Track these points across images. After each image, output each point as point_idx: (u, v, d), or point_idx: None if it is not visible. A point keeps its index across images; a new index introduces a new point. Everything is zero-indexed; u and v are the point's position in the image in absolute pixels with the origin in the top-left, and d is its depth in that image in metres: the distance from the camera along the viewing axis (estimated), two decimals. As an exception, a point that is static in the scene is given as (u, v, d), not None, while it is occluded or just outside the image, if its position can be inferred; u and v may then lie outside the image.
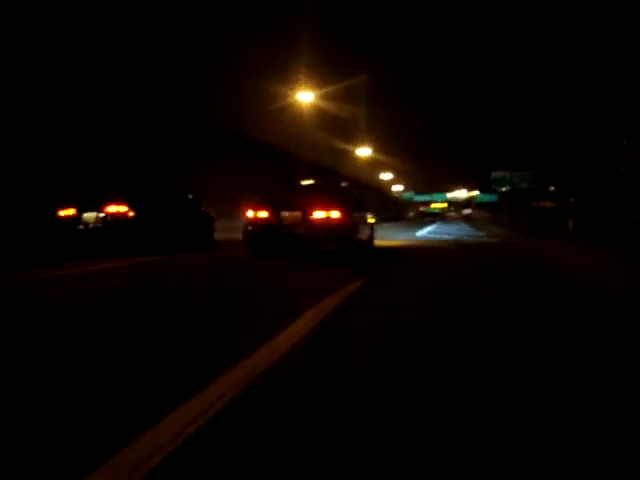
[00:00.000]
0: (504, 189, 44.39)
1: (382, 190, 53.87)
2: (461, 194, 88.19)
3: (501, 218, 42.64)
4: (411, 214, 77.01)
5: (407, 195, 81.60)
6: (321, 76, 28.23)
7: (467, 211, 71.95)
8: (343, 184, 11.82)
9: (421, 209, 78.42)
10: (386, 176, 66.70)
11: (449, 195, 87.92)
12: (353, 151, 45.46)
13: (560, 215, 26.18)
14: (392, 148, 50.41)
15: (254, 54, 19.63)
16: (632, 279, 7.00)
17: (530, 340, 3.40)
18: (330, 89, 30.21)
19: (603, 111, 22.95)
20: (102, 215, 9.58)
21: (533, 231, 22.05)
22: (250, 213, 9.68)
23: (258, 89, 21.28)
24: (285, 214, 9.48)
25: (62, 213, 9.82)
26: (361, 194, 13.72)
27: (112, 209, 9.60)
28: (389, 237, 17.31)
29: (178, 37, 17.23)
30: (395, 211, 60.34)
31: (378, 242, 12.96)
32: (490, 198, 61.95)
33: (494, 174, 43.67)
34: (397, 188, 76.98)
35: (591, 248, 12.81)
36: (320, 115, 31.04)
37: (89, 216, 9.65)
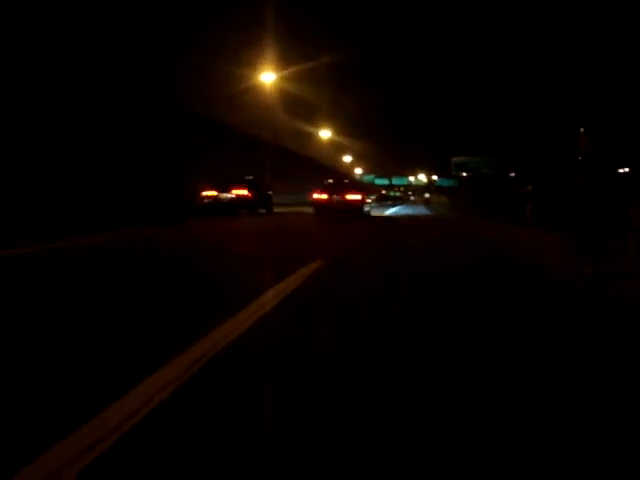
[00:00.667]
0: (464, 174, 44.95)
1: (344, 173, 53.88)
2: (422, 178, 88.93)
3: (459, 202, 43.19)
4: (372, 197, 77.35)
5: (367, 178, 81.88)
6: (284, 58, 27.94)
7: (427, 195, 72.72)
8: (345, 180, 25.07)
9: (382, 192, 78.75)
10: (346, 159, 66.78)
11: (411, 179, 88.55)
12: (315, 133, 45.29)
13: (519, 201, 26.62)
14: (352, 131, 50.45)
15: (217, 35, 19.29)
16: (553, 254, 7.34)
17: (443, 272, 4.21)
18: (293, 70, 29.95)
19: (562, 99, 23.34)
20: (230, 195, 19.28)
21: (487, 215, 22.42)
22: (316, 195, 20.35)
23: (221, 71, 20.95)
24: (333, 196, 19.63)
25: (205, 194, 19.36)
26: (363, 185, 25.55)
27: (239, 192, 19.41)
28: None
29: (140, 17, 16.78)
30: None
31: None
32: (449, 183, 62.62)
33: (454, 159, 44.16)
34: (357, 171, 77.10)
35: (538, 231, 13.12)
36: (283, 97, 30.75)
37: (224, 196, 19.25)
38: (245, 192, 19.26)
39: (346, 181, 24.25)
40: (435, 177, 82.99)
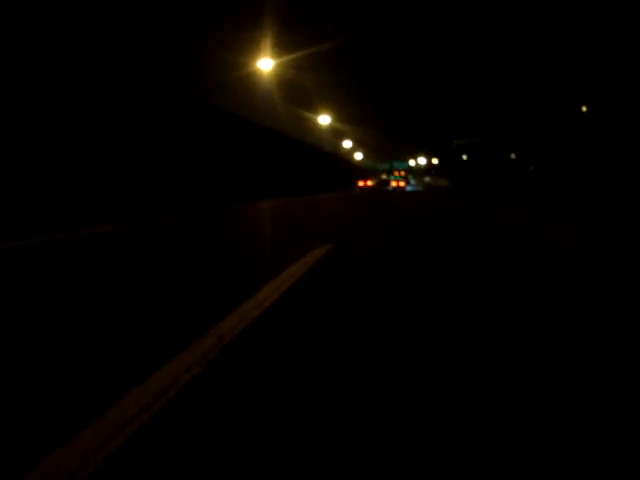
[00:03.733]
0: (465, 157, 44.77)
1: (344, 158, 53.71)
2: (422, 162, 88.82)
3: (460, 185, 43.04)
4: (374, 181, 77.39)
5: (368, 163, 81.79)
6: (282, 44, 27.78)
7: (427, 179, 72.58)
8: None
9: (383, 177, 78.68)
10: (346, 144, 66.65)
11: (411, 163, 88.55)
12: (315, 119, 45.14)
13: (521, 183, 26.57)
14: (352, 116, 50.28)
15: (218, 22, 19.18)
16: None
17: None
18: (291, 57, 29.78)
19: (563, 79, 23.22)
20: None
21: (491, 198, 22.34)
22: (360, 183, 53.76)
23: (220, 57, 20.85)
24: (367, 182, 54.93)
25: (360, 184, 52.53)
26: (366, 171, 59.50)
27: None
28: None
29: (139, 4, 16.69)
30: (363, 179, 60.64)
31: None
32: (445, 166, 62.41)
33: (455, 141, 43.98)
34: (357, 156, 77.04)
35: (537, 211, 13.16)
36: (282, 83, 30.61)
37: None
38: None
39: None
40: (435, 160, 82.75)
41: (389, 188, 62.45)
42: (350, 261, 4.68)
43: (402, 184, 71.65)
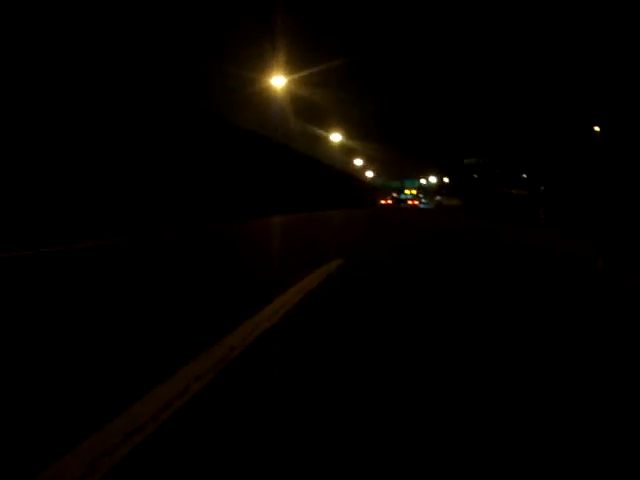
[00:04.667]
0: (475, 176, 44.74)
1: (357, 176, 53.84)
2: (433, 180, 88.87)
3: (471, 204, 42.93)
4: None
5: (379, 181, 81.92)
6: (295, 61, 28.01)
7: (438, 198, 72.53)
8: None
9: (394, 195, 78.85)
10: (357, 162, 66.79)
11: (422, 181, 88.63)
12: (327, 137, 45.35)
13: (532, 203, 26.46)
14: (363, 134, 50.48)
15: (231, 39, 19.40)
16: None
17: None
18: (303, 74, 30.00)
19: (574, 100, 23.24)
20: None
21: (502, 217, 22.27)
22: (382, 201, 65.22)
23: (234, 74, 21.04)
24: (388, 200, 67.44)
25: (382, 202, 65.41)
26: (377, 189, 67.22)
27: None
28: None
29: (151, 21, 16.90)
30: (372, 197, 60.60)
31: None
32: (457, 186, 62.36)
33: (466, 160, 43.98)
34: (368, 174, 77.16)
35: (548, 229, 13.16)
36: (294, 100, 30.81)
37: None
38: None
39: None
40: (446, 179, 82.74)
41: (402, 205, 68.10)
42: (360, 275, 4.66)
43: (416, 202, 77.52)
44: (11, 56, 7.59)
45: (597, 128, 18.02)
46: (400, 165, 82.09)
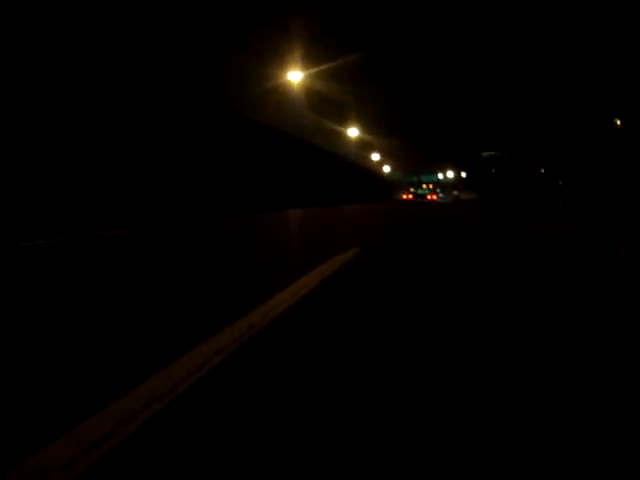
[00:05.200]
0: (493, 170, 44.50)
1: (374, 171, 53.81)
2: (450, 175, 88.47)
3: (488, 198, 42.74)
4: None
5: (396, 175, 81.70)
6: (311, 56, 28.05)
7: (455, 192, 72.25)
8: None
9: (411, 190, 78.69)
10: (375, 157, 66.67)
11: (440, 176, 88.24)
12: (343, 132, 45.32)
13: (550, 197, 26.29)
14: (380, 129, 50.35)
15: (248, 35, 19.50)
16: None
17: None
18: (320, 69, 30.02)
19: (594, 92, 23.00)
20: None
21: (520, 211, 22.14)
22: (403, 195, 74.80)
23: (251, 69, 21.15)
24: (409, 195, 75.18)
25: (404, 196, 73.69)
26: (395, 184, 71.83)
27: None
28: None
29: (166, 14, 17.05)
30: (389, 192, 60.59)
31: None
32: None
33: (484, 154, 43.79)
34: (385, 169, 76.98)
35: (567, 223, 13.19)
36: (310, 95, 30.84)
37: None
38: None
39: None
40: (464, 174, 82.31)
41: (420, 200, 67.75)
42: (376, 261, 4.83)
43: (434, 197, 77.34)
44: (25, 42, 7.73)
45: (618, 121, 17.84)
46: (417, 159, 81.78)
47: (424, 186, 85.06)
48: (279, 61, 26.18)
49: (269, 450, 1.29)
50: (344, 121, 44.45)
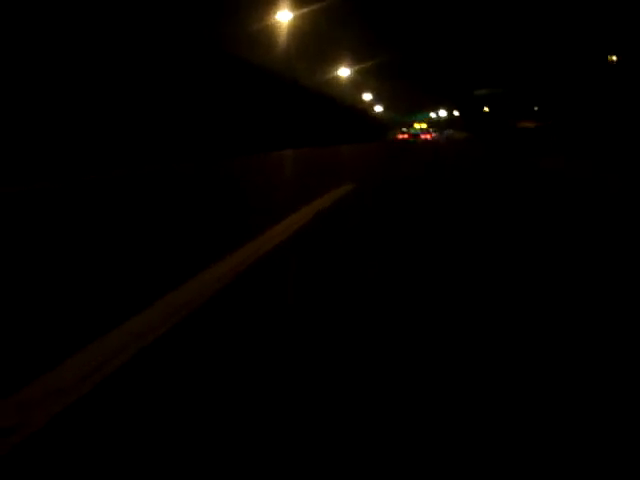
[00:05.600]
0: (486, 108, 44.14)
1: (366, 111, 53.19)
2: (442, 114, 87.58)
3: (481, 136, 42.53)
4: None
5: (388, 115, 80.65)
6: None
7: (449, 131, 71.43)
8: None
9: (403, 129, 77.80)
10: (366, 96, 65.69)
11: (432, 115, 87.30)
12: (335, 72, 44.57)
13: (541, 135, 26.30)
14: (371, 68, 49.47)
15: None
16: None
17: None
18: (310, 9, 29.32)
19: (588, 29, 22.70)
20: None
21: (512, 149, 22.19)
22: (398, 135, 67.27)
23: (240, 11, 20.73)
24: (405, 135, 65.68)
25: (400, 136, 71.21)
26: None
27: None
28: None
29: None
30: (382, 131, 60.49)
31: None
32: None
33: (477, 92, 43.34)
34: (377, 109, 75.97)
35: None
36: (300, 36, 30.21)
37: None
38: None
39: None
40: (456, 112, 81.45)
41: (411, 140, 63.60)
42: (369, 195, 5.24)
43: (429, 137, 70.83)
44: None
45: (614, 57, 17.70)
46: (409, 99, 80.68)
47: (416, 125, 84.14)
48: (269, 2, 25.54)
49: (259, 376, 1.32)
50: (335, 61, 43.63)
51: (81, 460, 0.97)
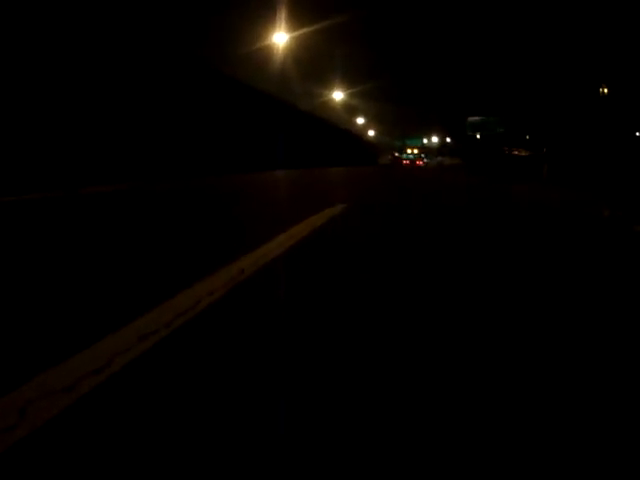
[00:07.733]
0: (478, 136, 44.46)
1: (359, 135, 53.50)
2: (434, 140, 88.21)
3: (473, 164, 42.73)
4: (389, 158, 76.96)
5: (380, 139, 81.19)
6: (296, 19, 27.66)
7: (439, 158, 71.78)
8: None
9: (395, 154, 78.15)
10: (359, 120, 66.32)
11: (424, 141, 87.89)
12: (329, 95, 44.96)
13: (535, 163, 26.42)
14: (364, 92, 50.00)
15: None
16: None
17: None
18: (306, 31, 29.61)
19: (581, 60, 22.99)
20: None
21: (504, 177, 22.29)
22: (391, 156, 66.52)
23: (237, 30, 20.85)
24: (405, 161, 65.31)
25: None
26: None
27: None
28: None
29: None
30: (373, 155, 60.47)
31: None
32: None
33: (470, 119, 43.69)
34: (370, 133, 76.59)
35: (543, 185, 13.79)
36: (295, 58, 30.47)
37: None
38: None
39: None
40: (448, 139, 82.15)
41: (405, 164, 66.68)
42: (360, 215, 5.36)
43: (420, 163, 72.00)
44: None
45: (605, 90, 17.88)
46: (402, 124, 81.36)
47: (409, 151, 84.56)
48: (265, 23, 25.78)
49: (257, 378, 1.35)
50: (329, 84, 44.03)
51: (81, 460, 0.98)
